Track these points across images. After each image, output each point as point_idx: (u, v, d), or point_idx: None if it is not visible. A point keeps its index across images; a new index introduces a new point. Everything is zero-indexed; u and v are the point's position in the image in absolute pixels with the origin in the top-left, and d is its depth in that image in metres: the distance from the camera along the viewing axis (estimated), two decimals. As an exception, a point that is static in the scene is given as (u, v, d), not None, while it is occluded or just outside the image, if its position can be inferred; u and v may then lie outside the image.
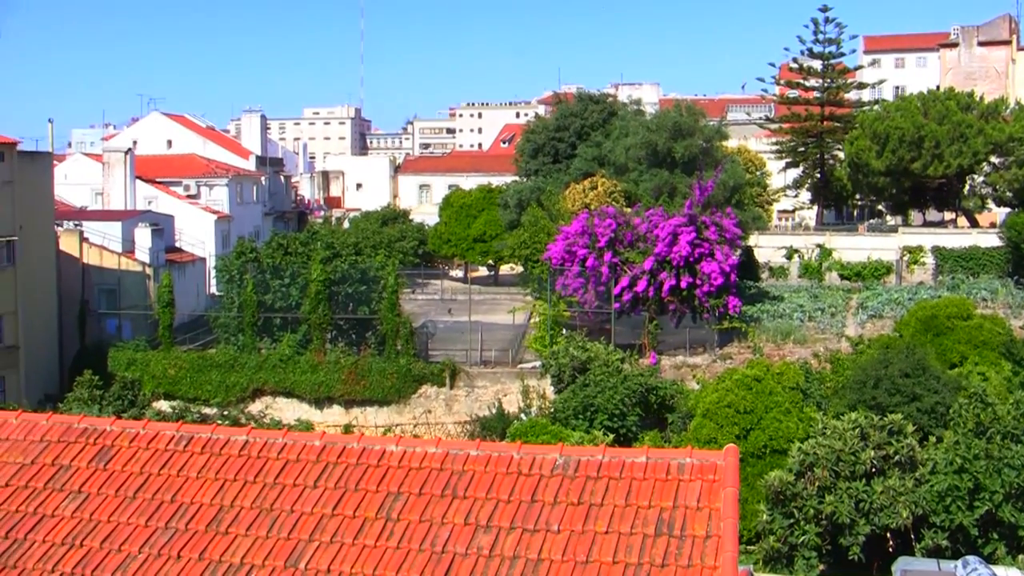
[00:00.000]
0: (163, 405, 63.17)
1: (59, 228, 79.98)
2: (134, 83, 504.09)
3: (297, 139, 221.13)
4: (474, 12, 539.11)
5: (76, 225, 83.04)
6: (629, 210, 73.64)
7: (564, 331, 69.59)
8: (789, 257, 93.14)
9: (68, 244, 78.69)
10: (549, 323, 70.69)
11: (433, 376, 69.57)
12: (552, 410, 56.21)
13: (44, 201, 74.95)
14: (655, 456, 14.03)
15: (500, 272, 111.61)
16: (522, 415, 59.71)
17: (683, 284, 66.76)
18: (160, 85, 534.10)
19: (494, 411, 62.77)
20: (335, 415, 69.64)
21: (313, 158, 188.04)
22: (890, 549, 33.78)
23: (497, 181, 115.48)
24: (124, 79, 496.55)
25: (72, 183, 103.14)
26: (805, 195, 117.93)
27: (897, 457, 32.83)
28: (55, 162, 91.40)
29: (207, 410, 60.36)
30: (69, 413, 39.51)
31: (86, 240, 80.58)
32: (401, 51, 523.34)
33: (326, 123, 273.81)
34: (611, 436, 48.82)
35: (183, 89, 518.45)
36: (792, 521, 32.39)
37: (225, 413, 58.30)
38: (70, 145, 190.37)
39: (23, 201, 69.69)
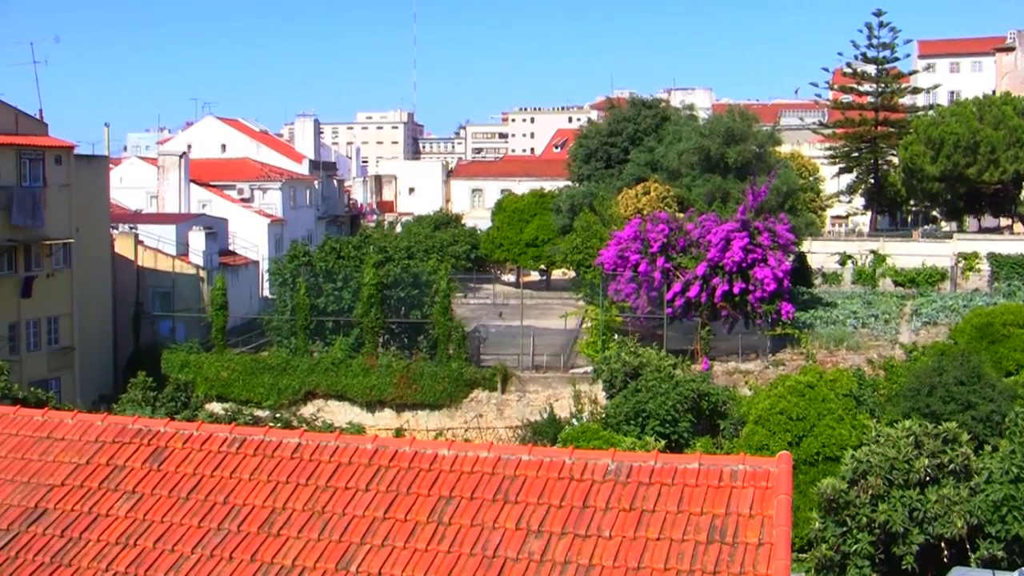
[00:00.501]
0: (215, 407, 63.45)
1: (114, 231, 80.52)
2: (189, 87, 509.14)
3: (350, 143, 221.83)
4: (527, 17, 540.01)
5: (131, 228, 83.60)
6: (682, 215, 73.45)
7: (616, 336, 69.44)
8: (842, 263, 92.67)
9: (123, 247, 79.23)
10: (601, 328, 70.59)
11: (485, 380, 69.58)
12: (604, 415, 56.09)
13: (100, 204, 75.49)
14: (707, 463, 13.98)
15: (552, 277, 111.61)
16: (573, 420, 59.63)
17: (736, 290, 66.53)
18: (214, 89, 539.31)
19: (545, 416, 62.71)
20: (387, 419, 69.76)
21: (366, 162, 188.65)
22: (944, 559, 33.47)
23: (549, 186, 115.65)
24: (179, 84, 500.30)
25: (127, 186, 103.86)
26: (859, 201, 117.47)
27: (952, 466, 32.54)
28: (111, 166, 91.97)
29: (259, 412, 60.65)
30: (123, 414, 39.75)
31: (141, 243, 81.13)
32: (454, 56, 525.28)
33: (379, 128, 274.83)
34: (663, 442, 48.68)
35: (237, 93, 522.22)
36: (845, 529, 32.16)
37: (277, 416, 58.53)
38: (125, 149, 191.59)
39: (79, 204, 70.23)
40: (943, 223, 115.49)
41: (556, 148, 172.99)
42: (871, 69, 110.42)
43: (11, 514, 14.47)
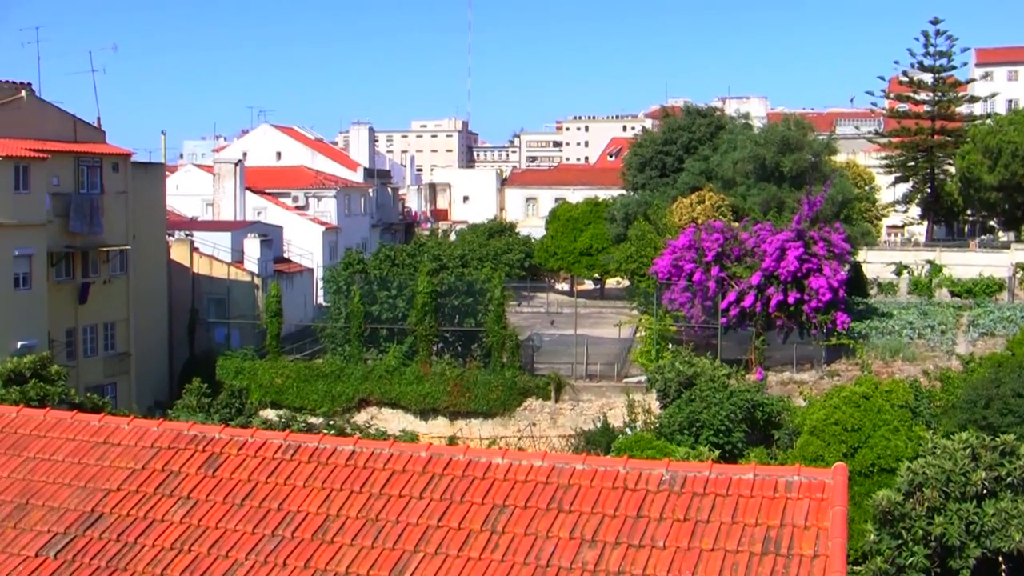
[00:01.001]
0: (270, 414, 63.74)
1: (170, 238, 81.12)
2: (245, 95, 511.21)
3: (405, 151, 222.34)
4: (581, 26, 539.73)
5: (187, 235, 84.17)
6: (737, 224, 73.30)
7: (670, 345, 69.28)
8: (898, 273, 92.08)
9: (179, 254, 79.79)
10: (655, 337, 70.40)
11: (538, 389, 69.54)
12: (657, 425, 55.92)
13: (156, 211, 76.11)
14: (762, 473, 13.90)
15: (606, 286, 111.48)
16: (627, 429, 59.46)
17: (791, 299, 66.23)
18: (270, 97, 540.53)
19: (599, 425, 62.59)
20: (440, 427, 69.85)
21: (420, 170, 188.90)
22: (1002, 573, 33.18)
23: (604, 194, 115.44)
24: (235, 91, 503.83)
25: (183, 194, 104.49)
26: (915, 210, 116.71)
27: (1009, 479, 32.19)
28: (167, 173, 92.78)
29: (313, 419, 60.81)
30: (178, 420, 40.01)
31: (196, 250, 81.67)
32: (508, 64, 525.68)
33: (433, 136, 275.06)
34: (717, 452, 48.46)
35: (293, 101, 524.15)
36: (900, 542, 31.87)
37: (331, 423, 58.71)
38: (182, 156, 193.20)
39: (136, 211, 70.82)
40: (1000, 233, 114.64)
41: (610, 157, 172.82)
42: (928, 78, 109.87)
43: (68, 518, 14.59)
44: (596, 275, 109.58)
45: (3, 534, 14.52)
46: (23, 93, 65.05)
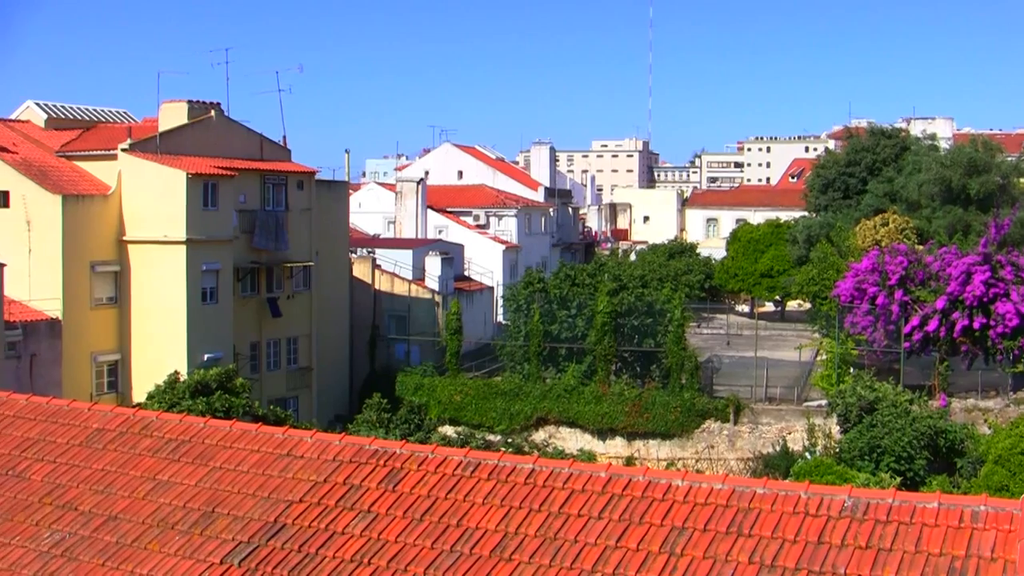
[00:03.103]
0: (448, 430, 64.31)
1: (353, 255, 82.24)
2: (426, 115, 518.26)
3: (585, 171, 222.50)
4: (763, 46, 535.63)
5: (369, 252, 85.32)
6: (921, 248, 72.09)
7: (851, 370, 68.27)
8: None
9: (361, 271, 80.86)
10: (836, 361, 69.48)
11: (717, 411, 68.94)
12: (837, 450, 55.24)
13: (339, 228, 77.21)
14: (947, 502, 13.58)
15: (787, 308, 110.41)
16: (806, 454, 58.83)
17: (976, 325, 64.90)
18: (451, 117, 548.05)
19: (778, 449, 61.98)
20: (617, 447, 69.64)
21: (600, 190, 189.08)
22: None
23: (785, 216, 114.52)
24: (417, 111, 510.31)
25: (366, 211, 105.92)
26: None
27: None
28: (350, 191, 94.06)
29: (491, 437, 61.11)
30: (358, 434, 40.55)
31: (378, 267, 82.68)
32: (689, 84, 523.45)
33: (614, 156, 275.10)
34: (898, 479, 47.72)
35: (474, 121, 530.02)
36: (1090, 575, 30.98)
37: (509, 440, 58.98)
38: (364, 175, 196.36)
39: (320, 228, 71.96)
40: None
41: (792, 178, 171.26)
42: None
43: (252, 527, 14.83)
44: (777, 297, 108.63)
45: (191, 540, 14.85)
46: (212, 112, 66.63)
